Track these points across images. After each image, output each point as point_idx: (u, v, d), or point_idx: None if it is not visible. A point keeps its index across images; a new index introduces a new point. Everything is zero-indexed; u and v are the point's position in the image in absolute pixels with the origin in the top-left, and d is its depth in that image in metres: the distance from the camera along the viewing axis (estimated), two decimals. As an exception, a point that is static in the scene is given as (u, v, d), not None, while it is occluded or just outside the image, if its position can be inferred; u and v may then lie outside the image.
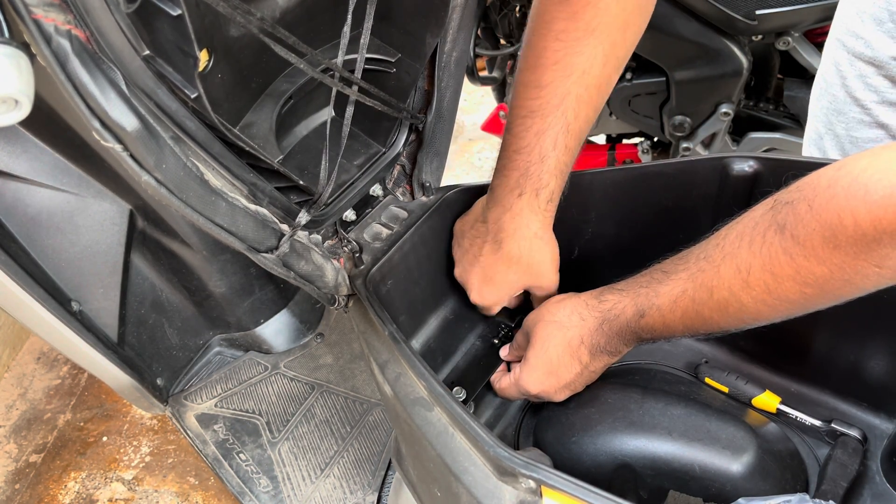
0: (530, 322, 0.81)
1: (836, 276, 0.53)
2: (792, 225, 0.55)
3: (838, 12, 0.93)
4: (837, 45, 0.91)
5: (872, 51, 0.85)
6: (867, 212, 0.49)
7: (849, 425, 0.78)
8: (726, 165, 0.78)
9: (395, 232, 0.87)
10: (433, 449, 0.64)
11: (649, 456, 0.73)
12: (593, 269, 0.94)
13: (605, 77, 0.75)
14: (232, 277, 1.13)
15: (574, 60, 0.73)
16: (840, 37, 0.91)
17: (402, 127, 0.90)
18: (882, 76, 0.86)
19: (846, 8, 0.90)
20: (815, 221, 0.53)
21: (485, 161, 2.44)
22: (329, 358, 1.22)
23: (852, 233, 0.50)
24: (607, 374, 0.79)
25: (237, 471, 1.08)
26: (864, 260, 0.51)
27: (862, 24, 0.86)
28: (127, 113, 0.54)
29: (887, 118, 0.88)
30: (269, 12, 0.73)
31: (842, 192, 0.51)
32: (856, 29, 0.87)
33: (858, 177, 0.50)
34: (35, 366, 1.86)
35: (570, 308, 0.76)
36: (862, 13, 0.86)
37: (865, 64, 0.87)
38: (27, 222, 0.93)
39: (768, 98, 1.64)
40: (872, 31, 0.85)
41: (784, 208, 0.56)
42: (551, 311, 0.77)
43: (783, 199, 0.57)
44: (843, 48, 0.90)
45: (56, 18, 0.48)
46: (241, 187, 0.68)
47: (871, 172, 0.49)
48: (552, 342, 0.76)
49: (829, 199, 0.52)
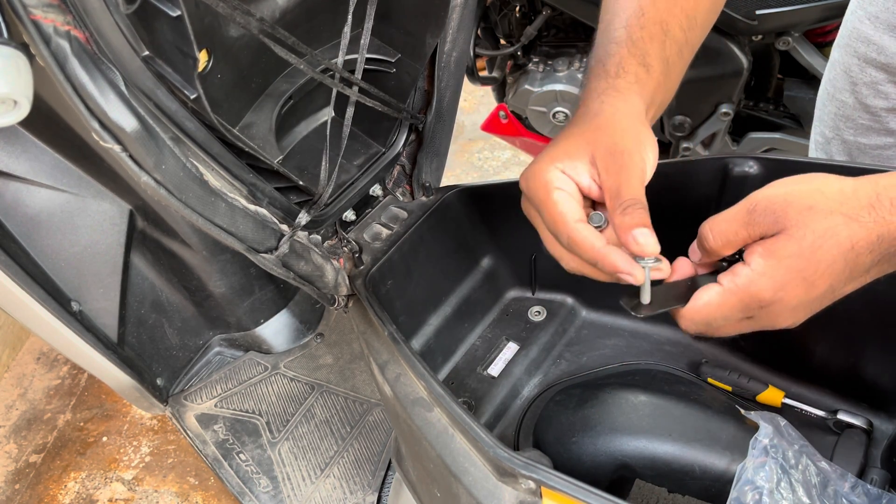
0: (779, 203, 0.54)
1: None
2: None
3: (848, 16, 0.92)
4: (847, 50, 0.91)
5: (885, 57, 0.85)
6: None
7: (854, 414, 0.78)
8: (726, 165, 0.78)
9: (395, 232, 0.87)
10: (433, 449, 0.64)
11: (649, 456, 0.73)
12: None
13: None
14: (232, 277, 1.13)
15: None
16: (850, 42, 0.90)
17: (402, 127, 0.90)
18: (893, 83, 0.86)
19: (857, 13, 0.89)
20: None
21: (485, 161, 2.44)
22: (329, 358, 1.22)
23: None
24: (607, 374, 0.79)
25: (237, 471, 1.08)
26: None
27: (874, 30, 0.85)
28: (126, 113, 0.54)
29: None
30: (268, 12, 0.73)
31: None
32: (868, 34, 0.86)
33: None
34: (35, 366, 1.85)
35: (858, 197, 0.53)
36: (874, 18, 0.85)
37: (877, 70, 0.86)
38: (27, 222, 0.93)
39: (768, 98, 1.63)
40: (885, 37, 0.84)
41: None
42: (828, 195, 0.53)
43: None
44: (854, 54, 0.89)
45: (55, 19, 0.48)
46: (241, 188, 0.68)
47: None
48: (831, 239, 0.52)
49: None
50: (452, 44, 0.83)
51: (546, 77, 1.63)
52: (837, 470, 0.69)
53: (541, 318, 0.98)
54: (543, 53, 1.65)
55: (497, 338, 0.97)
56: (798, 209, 0.53)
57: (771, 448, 0.65)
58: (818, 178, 0.55)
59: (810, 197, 0.54)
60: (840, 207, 0.53)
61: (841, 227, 0.52)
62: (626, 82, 0.65)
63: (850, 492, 0.68)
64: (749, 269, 0.54)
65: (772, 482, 0.63)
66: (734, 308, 0.56)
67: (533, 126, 1.74)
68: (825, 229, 0.52)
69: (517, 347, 0.96)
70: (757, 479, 0.62)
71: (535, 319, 0.98)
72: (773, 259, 0.53)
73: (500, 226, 0.95)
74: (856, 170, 0.72)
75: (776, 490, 0.62)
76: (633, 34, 0.67)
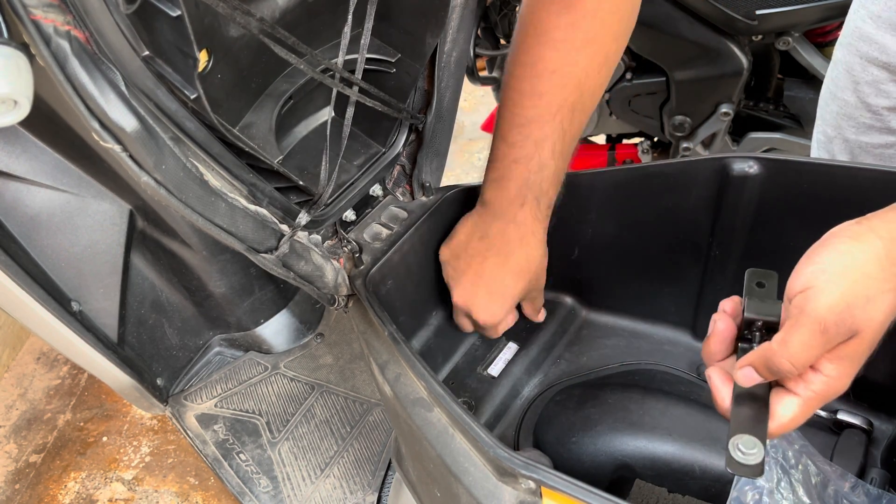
0: (845, 312, 0.52)
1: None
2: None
3: (850, 16, 0.92)
4: (850, 49, 0.91)
5: (887, 56, 0.85)
6: None
7: (854, 414, 0.77)
8: (726, 165, 0.78)
9: (395, 232, 0.87)
10: (433, 449, 0.64)
11: (649, 456, 0.73)
12: (593, 269, 0.94)
13: (599, 85, 0.76)
14: (232, 277, 1.13)
15: (572, 70, 0.73)
16: (853, 41, 0.90)
17: (402, 127, 0.90)
18: (895, 82, 0.86)
19: (859, 12, 0.89)
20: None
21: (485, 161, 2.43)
22: (329, 358, 1.22)
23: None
24: (607, 374, 0.79)
25: (237, 471, 1.08)
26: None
27: (876, 29, 0.86)
28: (126, 113, 0.54)
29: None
30: (268, 12, 0.73)
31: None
32: (870, 33, 0.86)
33: None
34: (35, 366, 1.85)
35: (877, 262, 0.53)
36: (877, 18, 0.85)
37: (879, 69, 0.86)
38: (27, 222, 0.93)
39: (768, 98, 1.63)
40: (887, 37, 0.84)
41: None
42: (873, 275, 0.53)
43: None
44: (857, 53, 0.89)
45: (55, 19, 0.48)
46: (241, 188, 0.68)
47: None
48: (883, 319, 0.53)
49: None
50: (452, 44, 0.83)
51: (546, 77, 1.62)
52: (837, 470, 0.69)
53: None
54: (543, 53, 1.65)
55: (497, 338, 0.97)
56: (861, 307, 0.53)
57: (771, 448, 0.65)
58: (848, 253, 0.54)
59: (864, 286, 0.53)
60: (887, 284, 0.53)
61: (891, 302, 0.53)
62: (544, 219, 0.80)
63: (850, 492, 0.68)
64: (823, 377, 0.54)
65: (772, 482, 0.63)
66: (814, 409, 0.56)
67: (533, 126, 1.74)
68: (885, 315, 0.53)
69: (517, 347, 0.96)
70: (757, 479, 0.62)
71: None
72: (847, 361, 0.54)
73: (500, 226, 0.95)
74: (858, 170, 0.73)
75: (776, 490, 0.63)
76: (559, 165, 0.77)
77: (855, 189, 0.72)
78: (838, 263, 0.53)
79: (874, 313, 0.52)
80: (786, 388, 0.56)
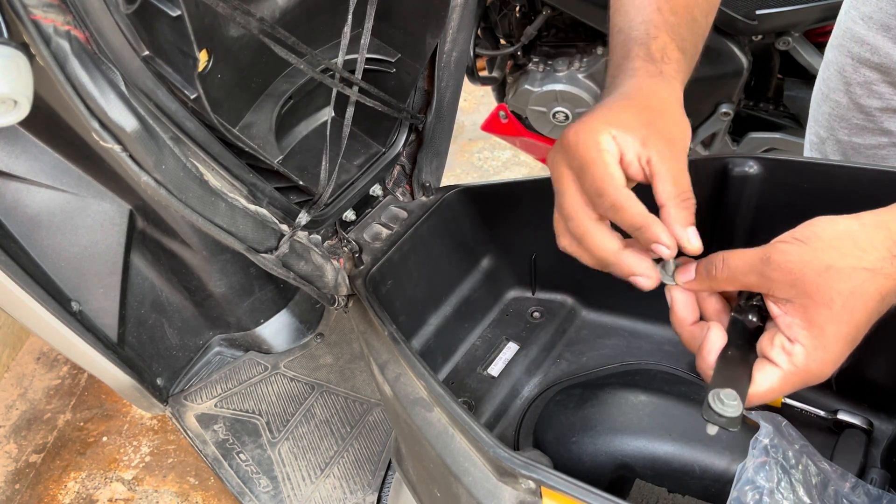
0: (795, 262, 0.53)
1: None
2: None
3: (841, 17, 0.92)
4: (841, 50, 0.91)
5: (879, 57, 0.85)
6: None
7: (854, 414, 0.77)
8: (726, 165, 0.78)
9: (395, 232, 0.87)
10: (433, 449, 0.64)
11: (649, 456, 0.73)
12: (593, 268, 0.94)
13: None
14: (232, 277, 1.13)
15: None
16: (844, 42, 0.90)
17: (402, 127, 0.90)
18: (887, 83, 0.86)
19: (850, 13, 0.89)
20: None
21: (485, 161, 2.44)
22: (329, 358, 1.22)
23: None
24: (607, 374, 0.79)
25: (237, 471, 1.08)
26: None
27: (868, 30, 0.85)
28: (126, 113, 0.54)
29: (891, 125, 0.88)
30: (268, 12, 0.73)
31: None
32: (861, 34, 0.86)
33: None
34: (35, 366, 1.85)
35: (875, 246, 0.53)
36: (868, 19, 0.85)
37: (871, 70, 0.86)
38: (27, 222, 0.93)
39: (768, 98, 1.63)
40: (879, 38, 0.84)
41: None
42: (843, 250, 0.52)
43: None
44: (848, 54, 0.89)
45: (55, 19, 0.48)
46: (241, 188, 0.68)
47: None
48: (861, 298, 0.52)
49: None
50: (452, 44, 0.83)
51: (546, 77, 1.63)
52: (838, 470, 0.69)
53: (541, 318, 0.98)
54: (543, 53, 1.65)
55: (497, 338, 0.97)
56: (816, 270, 0.52)
57: (771, 448, 0.65)
58: (823, 226, 0.54)
59: (826, 255, 0.52)
60: (860, 262, 0.52)
61: (868, 283, 0.52)
62: (671, 70, 0.65)
63: (851, 492, 0.68)
64: (801, 347, 0.54)
65: (772, 482, 0.63)
66: (794, 385, 0.55)
67: (533, 126, 1.74)
68: (852, 289, 0.52)
69: (517, 347, 0.96)
70: (757, 479, 0.62)
71: (534, 319, 0.98)
72: (817, 328, 0.53)
73: (500, 226, 0.95)
74: (858, 170, 0.73)
75: (776, 490, 0.62)
76: (668, 18, 0.66)
77: (855, 189, 0.72)
78: (829, 231, 0.53)
79: (838, 284, 0.51)
80: (769, 359, 0.55)
